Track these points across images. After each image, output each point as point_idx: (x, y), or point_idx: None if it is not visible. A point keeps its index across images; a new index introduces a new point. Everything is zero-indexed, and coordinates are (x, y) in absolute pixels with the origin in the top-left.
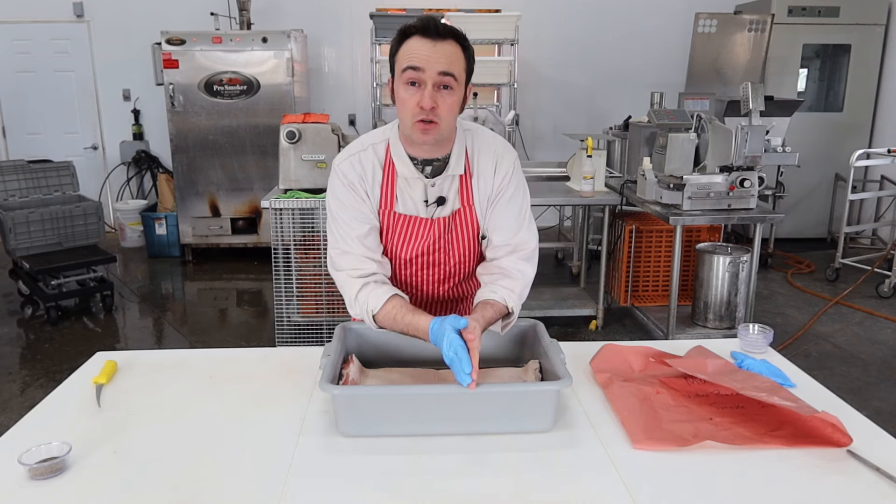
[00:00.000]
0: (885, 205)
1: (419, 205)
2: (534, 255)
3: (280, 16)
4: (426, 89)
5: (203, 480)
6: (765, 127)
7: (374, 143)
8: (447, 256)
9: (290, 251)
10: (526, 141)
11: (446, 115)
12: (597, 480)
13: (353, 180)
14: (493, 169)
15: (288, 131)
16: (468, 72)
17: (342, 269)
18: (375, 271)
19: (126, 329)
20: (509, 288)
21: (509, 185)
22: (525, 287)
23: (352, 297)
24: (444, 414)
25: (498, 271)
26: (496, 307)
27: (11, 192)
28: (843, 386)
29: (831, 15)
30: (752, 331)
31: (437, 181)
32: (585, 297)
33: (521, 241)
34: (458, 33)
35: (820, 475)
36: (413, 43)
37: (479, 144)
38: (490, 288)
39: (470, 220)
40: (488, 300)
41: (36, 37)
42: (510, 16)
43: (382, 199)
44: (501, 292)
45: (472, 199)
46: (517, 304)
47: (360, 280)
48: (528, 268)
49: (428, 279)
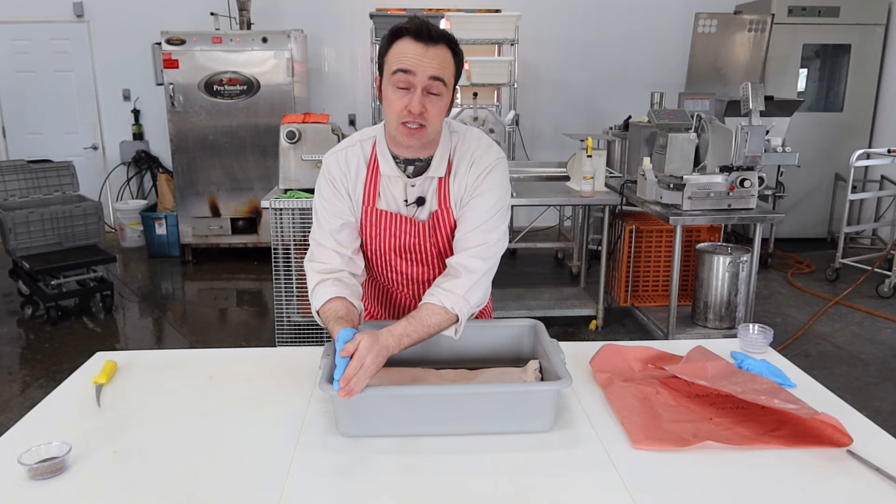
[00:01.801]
0: (885, 205)
1: (400, 203)
2: (492, 254)
3: (280, 16)
4: (415, 93)
5: (203, 480)
6: (765, 127)
7: (362, 140)
8: (428, 256)
9: (290, 251)
10: (526, 141)
11: (434, 120)
12: (597, 480)
13: (336, 176)
14: (468, 168)
15: (288, 131)
16: (457, 76)
17: (313, 261)
18: (341, 268)
19: (126, 329)
20: (450, 289)
21: (483, 182)
22: (472, 286)
23: (309, 288)
24: (444, 414)
25: (447, 271)
26: (433, 310)
27: (11, 192)
28: (843, 386)
29: (831, 15)
30: (752, 331)
31: (418, 181)
32: (585, 297)
33: (481, 239)
34: (450, 37)
35: (820, 475)
36: (404, 45)
37: (463, 147)
38: (431, 290)
39: (447, 221)
40: (424, 304)
41: (36, 37)
42: (510, 16)
43: (365, 195)
44: (439, 294)
45: (449, 200)
46: (459, 305)
47: (321, 275)
48: (479, 264)
49: (409, 278)
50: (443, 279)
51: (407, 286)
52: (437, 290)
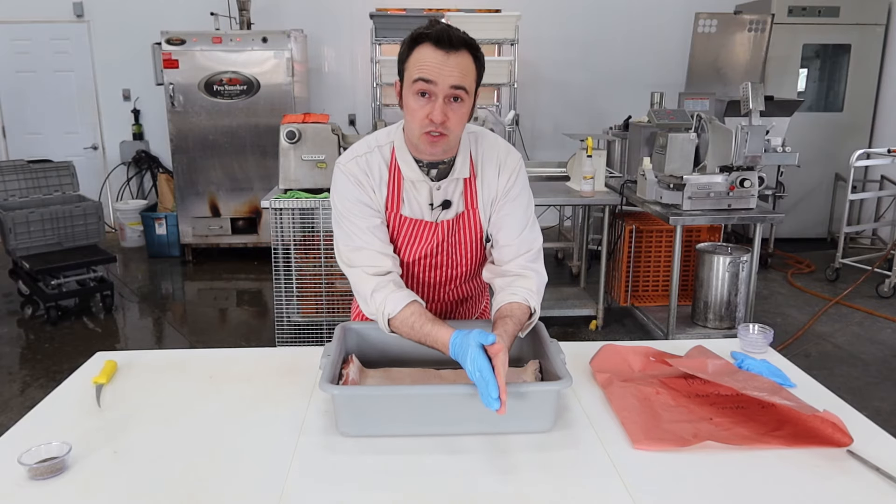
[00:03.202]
0: (885, 205)
1: (424, 208)
2: (540, 254)
3: (280, 16)
4: (437, 102)
5: (203, 480)
6: (765, 127)
7: (379, 146)
8: (451, 259)
9: (290, 251)
10: (526, 141)
11: (455, 127)
12: (597, 480)
13: (360, 178)
14: (496, 171)
15: (288, 131)
16: (478, 81)
17: (356, 266)
18: (391, 269)
19: (126, 329)
20: (527, 287)
21: (514, 185)
22: (541, 286)
23: (367, 294)
24: (444, 414)
25: (512, 274)
26: (516, 315)
27: (11, 192)
28: (843, 386)
29: (831, 15)
30: (752, 331)
31: (443, 184)
32: (585, 297)
33: (527, 241)
34: (472, 42)
35: (820, 475)
36: (425, 52)
37: (484, 147)
38: (509, 290)
39: (474, 223)
40: (510, 303)
41: (36, 37)
42: (510, 16)
43: (389, 201)
44: (522, 293)
45: (477, 201)
46: (538, 303)
47: (376, 278)
48: (541, 267)
49: (431, 280)
50: (512, 280)
51: (425, 289)
52: (517, 289)
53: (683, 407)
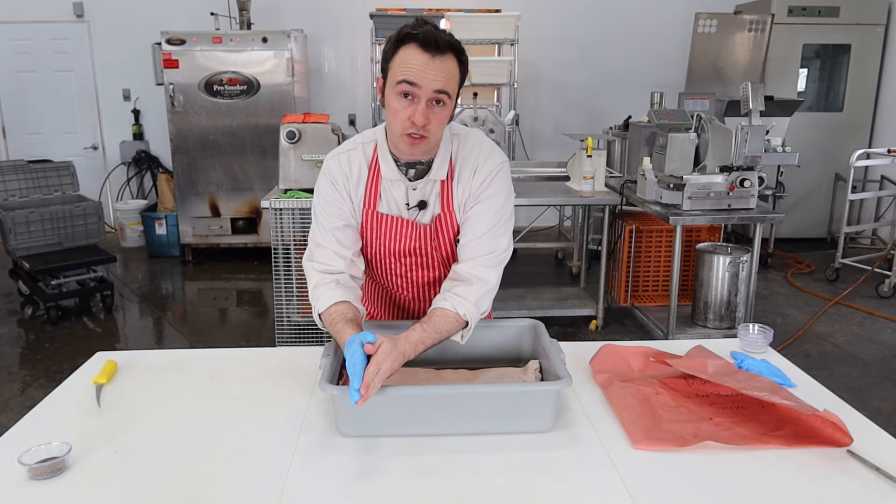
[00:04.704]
0: (885, 205)
1: (401, 206)
2: (500, 262)
3: (280, 16)
4: (420, 105)
5: (203, 480)
6: (765, 127)
7: (363, 143)
8: (434, 259)
9: (290, 251)
10: (526, 141)
11: (436, 130)
12: (597, 480)
13: (337, 177)
14: (472, 173)
15: (288, 131)
16: (461, 83)
17: (313, 261)
18: (343, 270)
19: (126, 329)
20: (462, 295)
21: (488, 187)
22: (484, 294)
23: (310, 289)
24: (444, 414)
25: (457, 277)
26: (435, 321)
27: (11, 192)
28: (843, 386)
29: (831, 15)
30: (752, 331)
31: (419, 185)
32: (585, 297)
33: (486, 244)
34: (457, 46)
35: (820, 475)
36: (411, 53)
37: (465, 150)
38: (443, 295)
39: (450, 225)
40: (437, 307)
41: (36, 37)
42: (510, 16)
43: (366, 197)
44: (454, 300)
45: (452, 203)
46: (471, 312)
47: (322, 275)
48: (492, 274)
49: (419, 280)
50: (453, 284)
51: (407, 289)
52: (449, 295)
53: (683, 407)
